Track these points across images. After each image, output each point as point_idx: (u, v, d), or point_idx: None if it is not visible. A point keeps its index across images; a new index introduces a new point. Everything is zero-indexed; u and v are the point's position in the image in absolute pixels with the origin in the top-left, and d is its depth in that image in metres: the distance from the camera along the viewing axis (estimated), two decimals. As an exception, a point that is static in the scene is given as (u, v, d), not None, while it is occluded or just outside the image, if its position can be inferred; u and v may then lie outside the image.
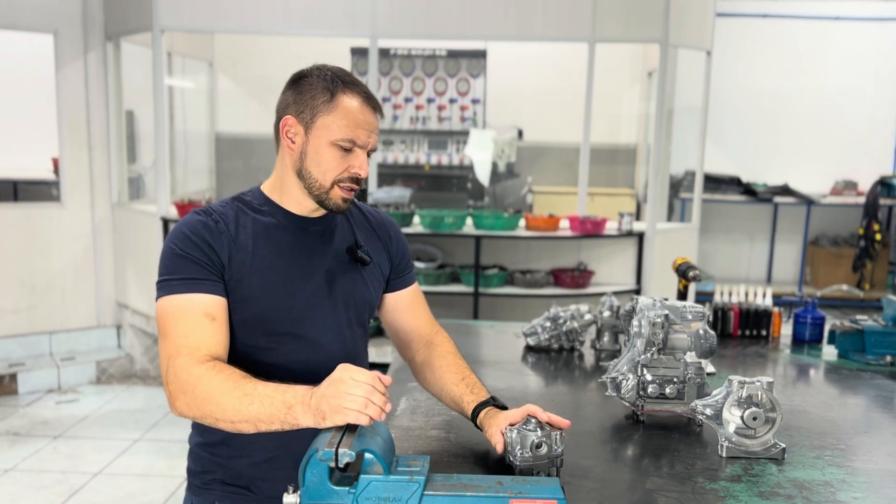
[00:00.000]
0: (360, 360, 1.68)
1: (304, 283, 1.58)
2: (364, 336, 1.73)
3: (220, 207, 1.59)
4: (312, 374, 1.53)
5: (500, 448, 1.46)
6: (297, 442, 1.53)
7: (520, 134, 6.61)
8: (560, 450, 1.44)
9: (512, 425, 1.47)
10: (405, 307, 1.79)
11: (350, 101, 1.52)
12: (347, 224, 1.70)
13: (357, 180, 1.56)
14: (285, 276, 1.56)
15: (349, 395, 1.26)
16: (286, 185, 1.59)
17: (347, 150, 1.52)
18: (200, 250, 1.50)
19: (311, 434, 1.30)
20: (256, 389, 1.36)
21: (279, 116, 1.57)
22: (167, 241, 1.54)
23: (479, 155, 6.19)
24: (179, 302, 1.47)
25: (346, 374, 1.29)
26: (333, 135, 1.51)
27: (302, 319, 1.58)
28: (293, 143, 1.55)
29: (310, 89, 1.53)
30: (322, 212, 1.63)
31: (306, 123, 1.53)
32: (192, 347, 1.43)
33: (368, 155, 1.57)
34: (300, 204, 1.60)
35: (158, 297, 1.50)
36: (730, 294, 2.62)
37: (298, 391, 1.34)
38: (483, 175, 6.16)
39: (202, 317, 1.46)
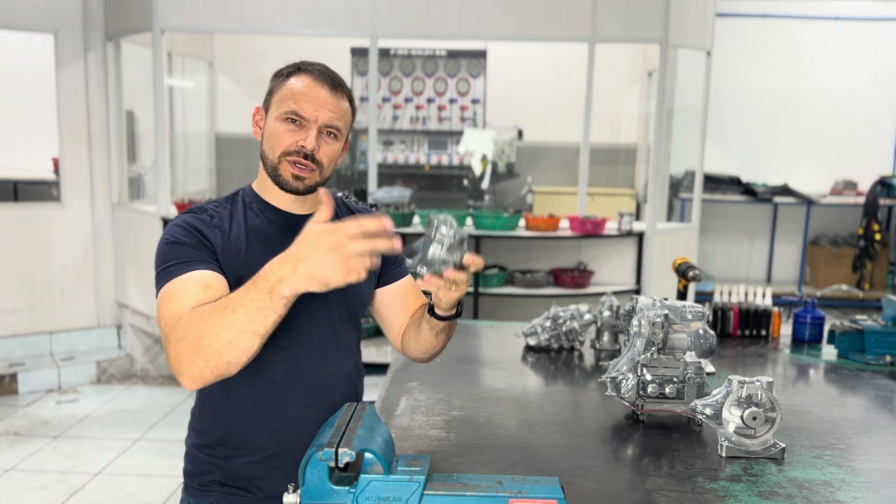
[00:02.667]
0: (352, 354, 1.70)
1: None
2: (356, 331, 1.73)
3: (214, 206, 1.61)
4: (306, 370, 1.56)
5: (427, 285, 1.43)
6: (296, 440, 1.53)
7: (520, 134, 6.61)
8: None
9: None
10: (399, 301, 1.77)
11: (301, 79, 1.55)
12: (337, 220, 1.69)
13: (307, 156, 1.53)
14: None
15: (354, 257, 1.22)
16: (264, 177, 1.62)
17: (296, 124, 1.53)
18: (195, 237, 1.52)
19: (310, 433, 1.30)
20: (231, 299, 1.31)
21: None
22: (163, 234, 1.55)
23: (474, 153, 6.20)
24: (175, 283, 1.45)
25: (340, 237, 1.23)
26: (280, 109, 1.54)
27: (293, 315, 1.54)
28: (259, 128, 1.61)
29: (276, 79, 1.59)
30: (309, 209, 1.63)
31: (266, 107, 1.59)
32: (180, 312, 1.38)
33: (330, 135, 1.55)
34: (282, 197, 1.61)
35: (158, 288, 1.47)
36: (729, 294, 2.62)
37: (270, 273, 1.28)
38: (476, 168, 6.17)
39: (195, 286, 1.43)
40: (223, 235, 1.55)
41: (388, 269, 1.77)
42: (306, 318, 1.59)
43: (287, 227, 1.60)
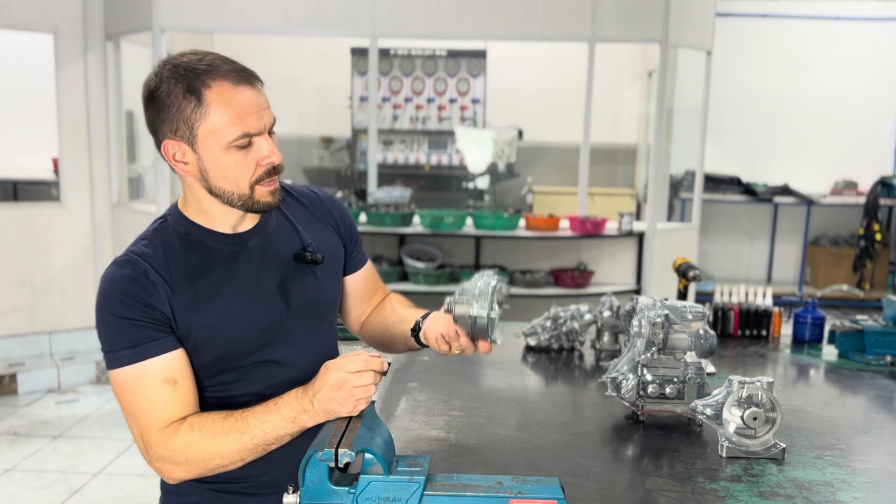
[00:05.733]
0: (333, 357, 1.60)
1: (260, 306, 1.45)
2: (333, 334, 1.63)
3: (145, 250, 1.40)
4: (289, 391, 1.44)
5: (439, 341, 1.48)
6: (289, 464, 1.40)
7: (520, 134, 6.61)
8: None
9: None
10: (361, 290, 1.70)
11: (220, 92, 1.31)
12: (286, 221, 1.53)
13: (274, 168, 1.38)
14: (236, 306, 1.43)
15: (357, 388, 1.29)
16: (205, 207, 1.42)
17: (247, 146, 1.35)
18: (137, 310, 1.34)
19: (299, 454, 1.26)
20: (248, 423, 1.34)
21: (156, 141, 1.38)
22: (98, 306, 1.36)
23: (473, 151, 6.22)
24: (133, 374, 1.34)
25: (342, 374, 1.29)
26: (223, 138, 1.33)
27: (265, 344, 1.46)
28: (186, 164, 1.37)
29: (172, 101, 1.32)
30: (254, 221, 1.47)
31: (188, 140, 1.34)
32: (160, 421, 1.34)
33: (271, 134, 1.39)
34: (227, 219, 1.44)
35: (109, 369, 1.36)
36: (730, 294, 2.62)
37: (293, 403, 1.34)
38: (477, 169, 6.20)
39: (162, 384, 1.34)
40: (166, 289, 1.36)
41: (350, 257, 1.66)
42: (279, 343, 1.48)
43: (233, 251, 1.45)
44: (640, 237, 5.05)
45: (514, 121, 6.68)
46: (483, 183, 6.40)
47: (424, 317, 1.58)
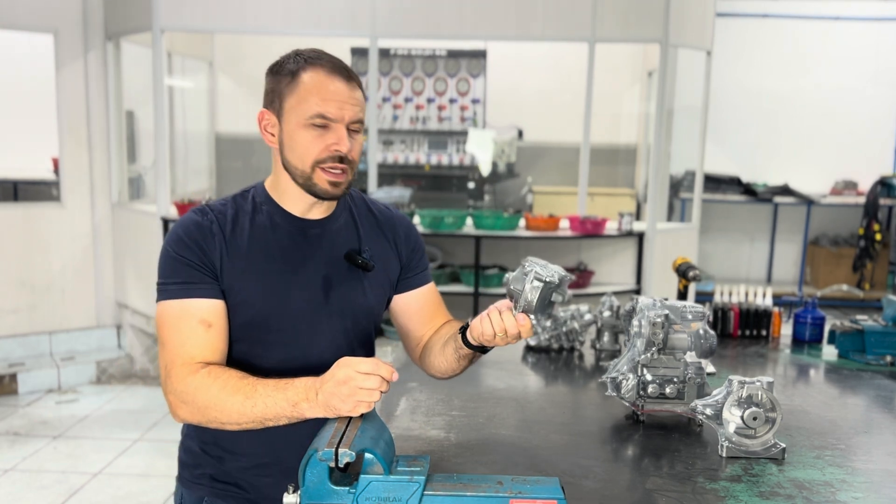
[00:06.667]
0: None
1: (298, 291, 1.52)
2: (367, 343, 1.66)
3: (220, 206, 1.54)
4: None
5: (483, 325, 1.48)
6: (287, 450, 1.50)
7: (520, 134, 6.61)
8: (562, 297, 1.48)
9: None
10: (416, 310, 1.69)
11: (312, 75, 1.44)
12: (352, 225, 1.61)
13: (342, 159, 1.46)
14: (279, 282, 1.50)
15: (362, 390, 1.29)
16: (281, 183, 1.53)
17: (323, 128, 1.44)
18: (194, 252, 1.46)
19: (302, 443, 1.29)
20: (256, 391, 1.36)
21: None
22: (165, 241, 1.51)
23: (481, 154, 6.23)
24: (176, 308, 1.45)
25: (351, 371, 1.30)
26: (302, 114, 1.44)
27: (294, 328, 1.52)
28: (273, 135, 1.50)
29: (278, 77, 1.47)
30: (324, 213, 1.56)
31: (277, 111, 1.47)
32: (187, 357, 1.43)
33: (354, 131, 1.47)
34: (298, 202, 1.53)
35: (158, 300, 1.49)
36: (730, 294, 2.62)
37: (300, 388, 1.35)
38: (484, 168, 6.22)
39: (198, 324, 1.45)
40: (222, 242, 1.48)
41: (406, 275, 1.67)
42: (306, 331, 1.54)
43: (293, 233, 1.54)
44: (640, 237, 5.05)
45: (514, 121, 6.68)
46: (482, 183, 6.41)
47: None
